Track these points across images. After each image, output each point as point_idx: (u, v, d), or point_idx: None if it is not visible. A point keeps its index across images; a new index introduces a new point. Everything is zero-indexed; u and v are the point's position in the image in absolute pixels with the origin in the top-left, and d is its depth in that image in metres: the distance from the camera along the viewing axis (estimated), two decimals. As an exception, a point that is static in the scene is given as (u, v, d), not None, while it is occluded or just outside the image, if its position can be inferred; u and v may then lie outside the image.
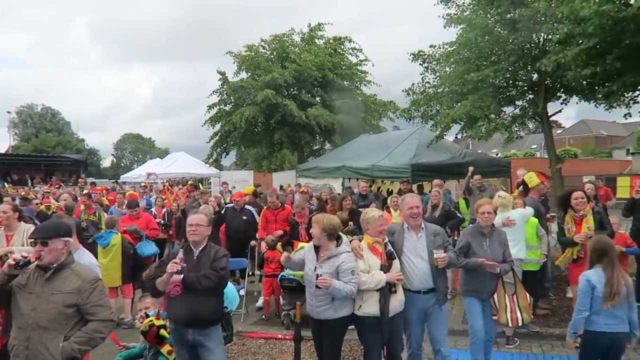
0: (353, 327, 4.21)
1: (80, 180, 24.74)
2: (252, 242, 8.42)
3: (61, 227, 3.31)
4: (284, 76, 18.61)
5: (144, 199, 12.32)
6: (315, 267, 4.05)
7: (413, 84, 11.56)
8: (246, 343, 6.23)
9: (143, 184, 16.86)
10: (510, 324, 4.68)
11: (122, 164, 69.24)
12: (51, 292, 3.07)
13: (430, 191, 8.80)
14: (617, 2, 6.56)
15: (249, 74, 20.49)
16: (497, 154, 42.83)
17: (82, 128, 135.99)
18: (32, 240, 3.21)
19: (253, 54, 20.40)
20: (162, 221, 9.57)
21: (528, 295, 4.83)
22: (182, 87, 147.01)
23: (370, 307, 3.97)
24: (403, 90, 11.61)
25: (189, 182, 18.76)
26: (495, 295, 4.67)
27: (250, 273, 8.54)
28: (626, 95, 9.14)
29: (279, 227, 8.13)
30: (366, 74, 21.49)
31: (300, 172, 16.73)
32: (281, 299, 6.93)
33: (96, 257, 4.90)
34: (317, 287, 3.89)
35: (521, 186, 8.09)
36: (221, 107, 21.18)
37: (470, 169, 8.98)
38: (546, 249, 6.75)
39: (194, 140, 61.73)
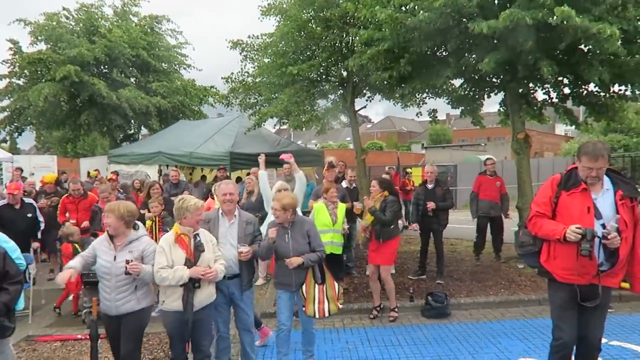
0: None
1: None
2: (35, 245, 7.46)
3: None
4: (92, 52, 16.80)
5: None
6: (116, 256, 3.79)
7: (232, 73, 11.54)
8: (38, 348, 5.55)
9: None
10: (317, 316, 4.57)
11: None
12: None
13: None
14: (407, 11, 7.43)
15: (49, 46, 17.99)
16: (316, 145, 45.48)
17: None
18: None
19: (54, 23, 17.96)
20: None
21: (337, 285, 4.78)
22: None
23: (173, 303, 3.84)
24: (222, 77, 11.50)
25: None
26: (304, 286, 4.57)
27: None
28: (417, 96, 10.53)
29: (81, 217, 7.49)
30: (186, 57, 20.70)
31: (112, 158, 15.42)
32: (81, 295, 6.35)
33: None
34: (127, 273, 3.68)
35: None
36: (12, 79, 18.23)
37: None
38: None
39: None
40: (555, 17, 5.90)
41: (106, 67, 18.61)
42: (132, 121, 19.84)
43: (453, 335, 5.69)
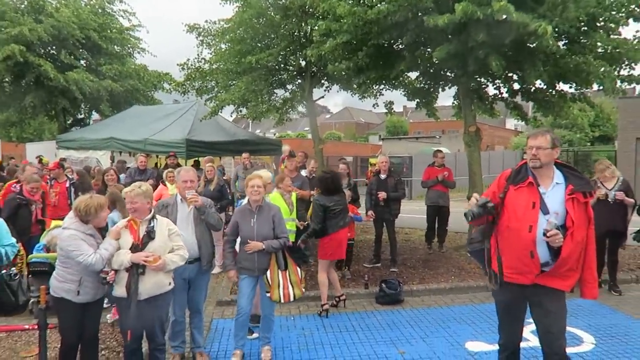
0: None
1: None
2: None
3: None
4: (37, 32, 15.96)
5: None
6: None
7: (188, 59, 11.29)
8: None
9: None
10: (282, 300, 4.65)
11: None
12: None
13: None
14: (365, 5, 7.52)
15: (-10, 24, 16.95)
16: (274, 134, 45.24)
17: None
18: None
19: (-5, -1, 16.92)
20: None
21: (299, 270, 4.87)
22: None
23: (119, 289, 3.82)
24: (178, 64, 11.23)
25: None
26: (268, 272, 4.62)
27: None
28: (374, 87, 10.68)
29: None
30: (140, 41, 20.01)
31: (61, 143, 14.81)
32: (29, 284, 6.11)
33: None
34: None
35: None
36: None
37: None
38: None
39: None
40: (496, 12, 6.12)
41: (54, 48, 17.72)
42: (82, 105, 19.06)
43: (405, 320, 5.89)
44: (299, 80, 11.66)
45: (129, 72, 18.32)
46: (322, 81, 11.69)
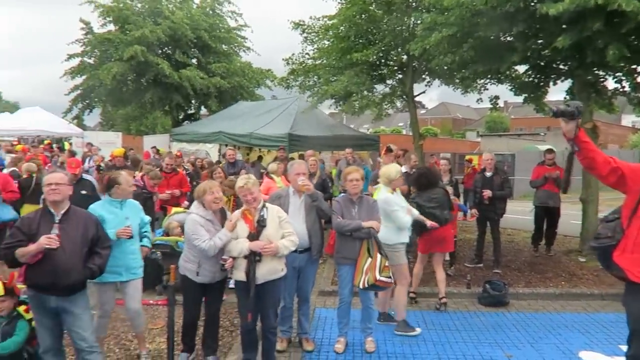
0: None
1: None
2: None
3: None
4: (156, 33, 17.46)
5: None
6: None
7: (293, 54, 11.70)
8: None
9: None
10: (360, 286, 4.70)
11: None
12: None
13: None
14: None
15: (117, 27, 18.84)
16: (368, 130, 45.27)
17: None
18: None
19: (121, 5, 18.74)
20: None
21: (380, 257, 4.70)
22: (38, 37, 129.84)
23: (239, 273, 4.11)
24: (283, 59, 11.70)
25: (46, 142, 16.96)
26: (358, 258, 4.72)
27: None
28: (478, 82, 10.31)
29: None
30: (245, 40, 21.08)
31: (174, 136, 16.10)
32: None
33: None
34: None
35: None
36: (84, 58, 19.25)
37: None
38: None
39: (52, 96, 55.19)
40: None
41: (169, 48, 19.27)
42: (193, 101, 20.53)
43: (511, 323, 5.69)
44: (399, 75, 11.59)
45: (235, 70, 19.40)
46: (423, 76, 11.52)
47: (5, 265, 3.63)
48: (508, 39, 8.27)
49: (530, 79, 9.65)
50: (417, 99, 12.00)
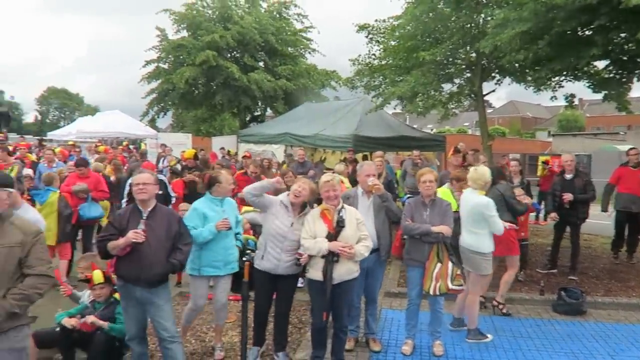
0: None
1: (0, 134, 22.87)
2: None
3: (3, 177, 3.21)
4: (226, 38, 18.13)
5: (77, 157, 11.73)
6: (293, 223, 4.35)
7: (360, 55, 11.71)
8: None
9: (71, 142, 16.05)
10: (430, 292, 4.64)
11: (48, 121, 65.11)
12: None
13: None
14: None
15: (190, 33, 19.76)
16: (432, 130, 44.41)
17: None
18: None
19: (194, 12, 19.62)
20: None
21: (451, 265, 4.65)
22: (118, 44, 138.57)
23: (315, 272, 4.16)
24: (349, 59, 11.75)
25: (124, 143, 18.06)
26: (427, 263, 4.64)
27: None
28: (553, 79, 9.84)
29: None
30: (310, 42, 21.37)
31: (242, 137, 16.62)
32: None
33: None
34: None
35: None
36: (159, 64, 20.35)
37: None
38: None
39: (127, 99, 58.94)
40: None
41: (238, 51, 19.93)
42: (260, 103, 21.10)
43: (589, 333, 5.40)
44: (468, 74, 11.29)
45: (300, 72, 19.74)
46: (493, 74, 11.15)
47: (98, 257, 3.94)
48: (587, 33, 7.85)
49: (612, 75, 9.08)
50: (485, 97, 11.63)
